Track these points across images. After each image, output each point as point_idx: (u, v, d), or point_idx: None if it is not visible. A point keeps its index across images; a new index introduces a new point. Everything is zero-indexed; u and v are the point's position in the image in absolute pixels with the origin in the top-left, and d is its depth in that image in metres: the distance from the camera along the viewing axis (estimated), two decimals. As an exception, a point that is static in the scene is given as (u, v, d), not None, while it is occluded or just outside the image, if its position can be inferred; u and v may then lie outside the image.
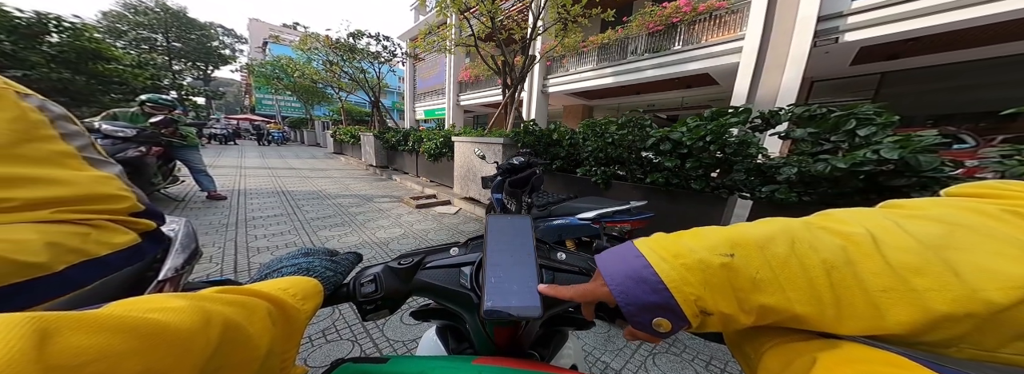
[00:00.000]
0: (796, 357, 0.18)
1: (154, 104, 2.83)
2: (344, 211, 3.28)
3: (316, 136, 16.61)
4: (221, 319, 0.16)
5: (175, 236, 0.63)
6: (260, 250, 2.08)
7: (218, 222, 2.63)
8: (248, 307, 0.19)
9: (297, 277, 0.29)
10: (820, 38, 4.27)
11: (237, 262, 1.88)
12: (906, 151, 1.11)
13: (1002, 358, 0.16)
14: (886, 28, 3.91)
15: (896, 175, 1.17)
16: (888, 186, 1.19)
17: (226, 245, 2.13)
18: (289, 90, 14.40)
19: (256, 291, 0.22)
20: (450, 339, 0.40)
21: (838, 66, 5.25)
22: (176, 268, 0.56)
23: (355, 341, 1.24)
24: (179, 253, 0.60)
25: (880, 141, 1.18)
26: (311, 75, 10.26)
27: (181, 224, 0.68)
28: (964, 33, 3.87)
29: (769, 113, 1.58)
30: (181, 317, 0.15)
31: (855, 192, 1.28)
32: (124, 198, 0.29)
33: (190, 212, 2.90)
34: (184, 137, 3.01)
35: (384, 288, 0.33)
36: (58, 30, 5.50)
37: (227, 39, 26.34)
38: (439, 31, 5.68)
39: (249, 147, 12.26)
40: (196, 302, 0.16)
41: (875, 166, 1.15)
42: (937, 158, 1.11)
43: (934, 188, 1.13)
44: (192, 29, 21.42)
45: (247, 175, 5.25)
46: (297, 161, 8.06)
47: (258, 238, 2.31)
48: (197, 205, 3.17)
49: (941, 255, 0.16)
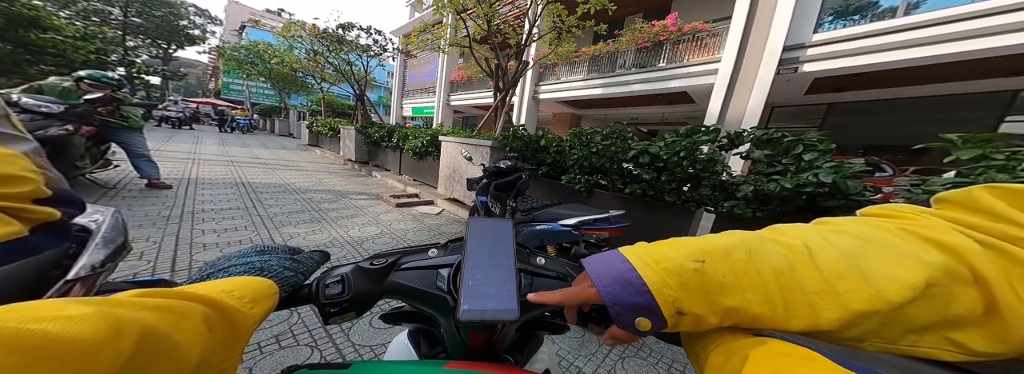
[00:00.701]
0: (734, 354, 0.20)
1: (94, 81, 2.54)
2: (314, 206, 3.07)
3: (289, 126, 15.66)
4: (137, 327, 0.14)
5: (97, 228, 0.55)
6: (207, 246, 1.88)
7: (157, 213, 2.36)
8: (177, 312, 0.18)
9: (246, 277, 0.26)
10: (783, 66, 4.75)
11: (176, 259, 1.66)
12: (838, 176, 1.28)
13: (900, 349, 0.19)
14: (835, 62, 4.43)
15: (830, 197, 1.34)
16: (823, 206, 1.36)
17: (164, 240, 1.89)
18: (264, 76, 13.53)
19: (190, 294, 0.20)
20: (423, 343, 0.38)
21: (795, 94, 5.84)
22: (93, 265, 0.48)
23: (315, 346, 1.14)
24: (99, 248, 0.51)
25: (820, 166, 1.35)
26: (291, 63, 9.73)
27: (107, 215, 0.59)
28: (896, 73, 4.49)
29: (734, 133, 1.74)
30: (80, 327, 0.12)
31: (798, 210, 1.45)
32: (25, 180, 0.25)
33: (123, 201, 2.58)
34: (125, 118, 2.71)
35: (352, 289, 0.31)
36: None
37: (199, 19, 24.29)
38: (434, 30, 5.64)
39: (209, 133, 11.26)
40: (104, 308, 0.14)
41: (815, 188, 1.32)
42: (861, 184, 1.29)
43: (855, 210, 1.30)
44: (158, 6, 19.56)
45: (202, 163, 4.79)
46: (264, 151, 7.51)
47: (206, 233, 2.07)
48: (133, 194, 2.81)
49: (857, 263, 0.20)
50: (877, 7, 4.30)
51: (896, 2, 4.13)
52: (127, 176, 3.29)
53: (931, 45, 3.78)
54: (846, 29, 4.37)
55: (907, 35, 3.89)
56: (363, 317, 1.26)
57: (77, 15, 16.65)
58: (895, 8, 4.14)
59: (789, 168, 1.48)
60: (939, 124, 5.16)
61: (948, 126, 5.06)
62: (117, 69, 12.11)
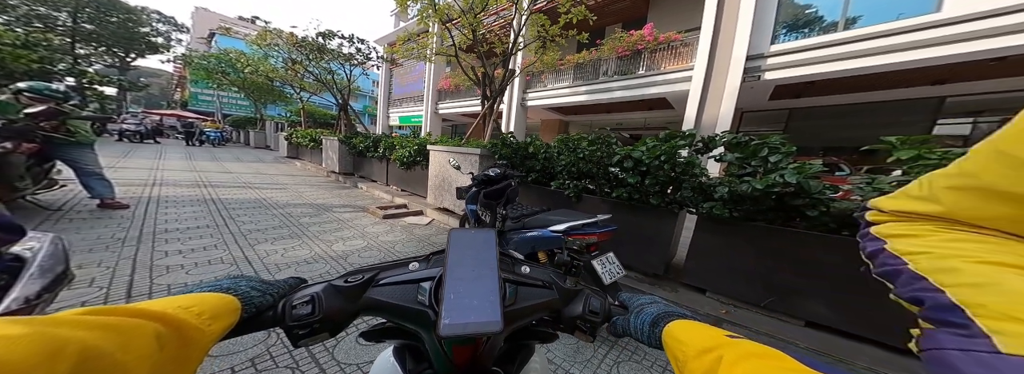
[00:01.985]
0: (708, 354, 0.21)
1: (36, 93, 2.33)
2: (294, 221, 2.92)
3: (266, 137, 14.96)
4: (77, 347, 0.14)
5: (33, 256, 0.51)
6: (171, 268, 1.75)
7: (111, 236, 2.18)
8: (123, 330, 0.17)
9: (205, 294, 0.26)
10: (748, 74, 5.14)
11: (134, 284, 1.55)
12: (801, 176, 1.41)
13: None
14: (790, 71, 4.87)
15: (795, 196, 1.46)
16: (791, 205, 1.49)
17: (119, 264, 1.75)
18: (236, 86, 12.94)
19: (142, 310, 0.19)
20: (409, 360, 0.36)
21: (760, 100, 6.33)
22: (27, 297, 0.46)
23: (296, 367, 1.07)
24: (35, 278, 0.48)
25: (785, 167, 1.48)
26: (267, 72, 9.39)
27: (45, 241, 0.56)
28: (842, 81, 4.99)
29: (708, 138, 1.87)
30: (13, 348, 0.12)
31: (769, 210, 1.57)
32: None
33: (71, 225, 2.37)
34: (72, 133, 2.48)
35: (323, 309, 0.29)
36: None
37: (163, 26, 22.98)
38: (419, 39, 5.67)
39: (174, 147, 10.55)
40: (40, 328, 0.13)
41: (782, 188, 1.44)
42: (820, 183, 1.42)
43: (820, 208, 1.43)
44: (114, 11, 18.32)
45: (164, 181, 4.43)
46: (237, 165, 7.10)
47: (169, 255, 1.94)
48: (82, 216, 2.59)
49: None
50: (822, 21, 4.79)
51: (838, 18, 4.62)
52: (76, 196, 3.01)
53: (865, 57, 4.28)
54: (797, 41, 4.83)
55: (845, 48, 4.37)
56: (349, 334, 1.23)
57: (17, 21, 15.28)
58: (837, 23, 4.64)
59: (758, 170, 1.60)
60: (884, 127, 5.74)
61: (892, 129, 5.65)
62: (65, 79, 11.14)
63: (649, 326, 0.31)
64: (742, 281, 1.70)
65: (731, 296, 1.76)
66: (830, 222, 1.43)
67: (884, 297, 0.27)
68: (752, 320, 1.60)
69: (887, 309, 1.28)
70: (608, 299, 0.36)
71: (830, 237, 1.42)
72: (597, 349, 1.36)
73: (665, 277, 2.06)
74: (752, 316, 1.65)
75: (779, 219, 1.57)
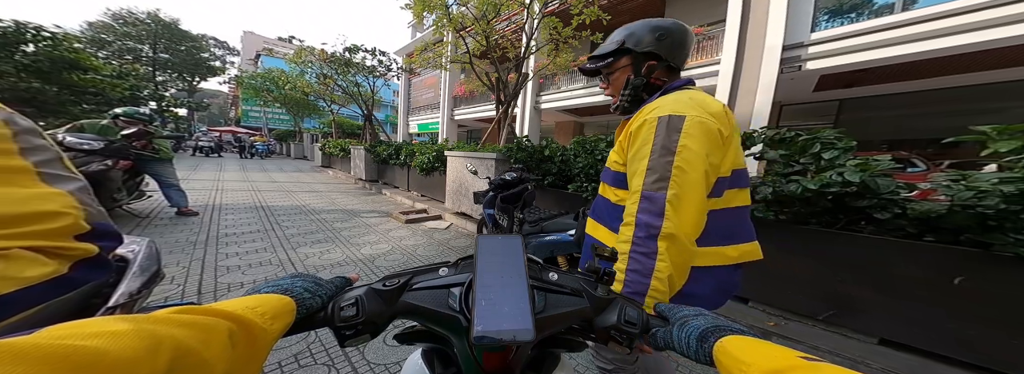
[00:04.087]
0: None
1: (129, 118, 2.76)
2: (328, 226, 3.16)
3: (303, 149, 16.30)
4: (171, 344, 0.15)
5: (134, 258, 0.60)
6: (231, 269, 1.97)
7: (185, 240, 2.49)
8: (206, 328, 0.18)
9: (268, 295, 0.27)
10: (785, 65, 4.70)
11: (202, 283, 1.76)
12: (866, 174, 1.21)
13: None
14: (838, 59, 4.36)
15: (859, 197, 1.26)
16: (853, 207, 1.28)
17: (192, 265, 2.00)
18: (278, 102, 14.28)
19: (218, 310, 0.21)
20: (437, 363, 0.38)
21: (803, 92, 5.74)
22: (130, 293, 0.53)
23: (332, 365, 1.15)
24: (136, 277, 0.56)
25: (843, 164, 1.28)
26: (303, 88, 10.27)
27: (143, 245, 0.64)
28: (907, 66, 4.36)
29: (744, 135, 1.69)
30: (123, 343, 0.13)
31: (824, 212, 1.37)
32: (65, 216, 0.27)
33: (155, 230, 2.73)
34: (157, 150, 2.91)
35: (366, 312, 0.31)
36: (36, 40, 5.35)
37: (218, 51, 26.27)
38: (435, 48, 5.89)
39: (231, 160, 11.88)
40: (143, 325, 0.15)
41: (841, 188, 1.24)
42: (893, 181, 1.21)
43: (893, 209, 1.22)
44: (182, 40, 21.31)
45: (225, 189, 5.03)
46: (281, 175, 7.83)
47: (229, 257, 2.19)
48: (164, 222, 3.00)
49: None
50: (872, 4, 4.26)
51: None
52: (159, 205, 3.48)
53: (937, 38, 3.67)
54: (845, 27, 4.32)
55: (908, 30, 3.81)
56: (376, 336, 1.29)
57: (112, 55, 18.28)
58: (892, 4, 4.10)
59: (809, 168, 1.41)
60: (966, 115, 4.92)
61: (978, 118, 4.82)
62: (149, 104, 13.03)
63: (697, 341, 0.29)
64: (793, 291, 1.49)
65: (780, 307, 1.56)
66: (907, 226, 1.21)
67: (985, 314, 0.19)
68: (809, 335, 1.40)
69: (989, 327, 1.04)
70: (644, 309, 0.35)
71: (911, 244, 1.20)
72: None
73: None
74: (808, 330, 1.44)
75: (839, 222, 1.36)
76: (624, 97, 0.64)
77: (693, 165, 0.50)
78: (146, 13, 20.20)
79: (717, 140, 0.53)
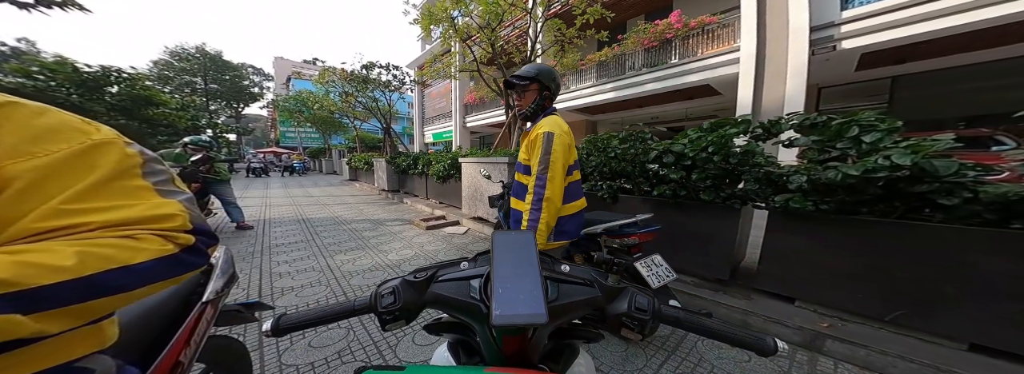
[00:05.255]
0: None
1: (195, 145, 3.17)
2: (358, 235, 3.37)
3: (333, 164, 17.40)
4: None
5: (217, 262, 0.71)
6: (282, 275, 2.22)
7: (245, 250, 2.80)
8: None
9: None
10: (817, 47, 4.31)
11: (261, 287, 2.01)
12: (918, 156, 1.06)
13: None
14: (879, 36, 3.92)
15: (915, 181, 1.10)
16: (910, 192, 1.12)
17: (251, 271, 2.27)
18: (309, 122, 15.47)
19: None
20: (461, 354, 0.41)
21: (843, 72, 5.21)
22: (217, 290, 0.64)
23: (368, 362, 1.28)
24: (219, 277, 0.68)
25: (889, 147, 1.14)
26: (329, 106, 11.05)
27: (222, 251, 0.77)
28: (973, 35, 3.80)
29: (769, 122, 1.56)
30: None
31: (876, 199, 1.21)
32: (176, 217, 0.34)
33: (222, 241, 3.11)
34: (217, 173, 3.30)
35: (402, 299, 0.35)
36: (118, 81, 6.27)
37: (256, 78, 29.20)
38: (443, 59, 6.13)
39: (274, 179, 13.04)
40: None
41: (889, 172, 1.10)
42: (954, 162, 1.05)
43: (962, 194, 1.05)
44: (226, 70, 23.97)
45: (272, 205, 5.57)
46: (316, 189, 8.44)
47: (280, 264, 2.44)
48: (226, 235, 3.38)
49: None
50: None
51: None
52: (222, 221, 3.93)
53: (999, 4, 3.18)
54: (880, 2, 3.88)
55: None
56: (407, 334, 1.43)
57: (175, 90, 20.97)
58: None
59: (848, 153, 1.27)
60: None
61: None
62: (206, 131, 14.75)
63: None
64: (847, 288, 1.32)
65: (832, 306, 1.39)
66: (983, 212, 1.04)
67: None
68: (873, 338, 1.22)
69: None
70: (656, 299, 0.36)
71: (996, 232, 1.03)
72: (651, 357, 1.26)
73: (732, 283, 1.73)
74: (872, 333, 1.26)
75: (896, 211, 1.20)
76: (530, 109, 1.10)
77: (558, 160, 0.98)
78: (195, 47, 23.02)
79: (569, 145, 1.04)
